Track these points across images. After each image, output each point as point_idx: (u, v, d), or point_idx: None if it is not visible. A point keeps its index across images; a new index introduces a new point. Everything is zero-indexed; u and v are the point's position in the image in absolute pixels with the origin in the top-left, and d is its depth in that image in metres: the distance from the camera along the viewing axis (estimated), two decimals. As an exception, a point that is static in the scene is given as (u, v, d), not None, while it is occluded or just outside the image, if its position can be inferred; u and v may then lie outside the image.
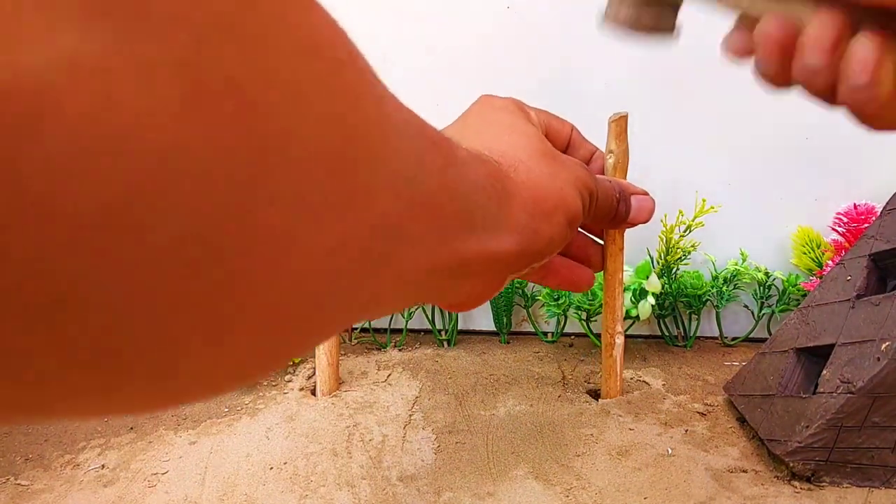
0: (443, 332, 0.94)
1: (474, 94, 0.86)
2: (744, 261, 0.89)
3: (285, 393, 0.77)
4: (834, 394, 0.59)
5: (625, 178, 0.72)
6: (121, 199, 0.10)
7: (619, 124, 0.70)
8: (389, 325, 0.93)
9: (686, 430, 0.70)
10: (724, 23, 0.79)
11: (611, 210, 0.41)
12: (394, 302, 0.26)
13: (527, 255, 0.30)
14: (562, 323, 0.93)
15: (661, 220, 0.86)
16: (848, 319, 0.64)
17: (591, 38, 0.83)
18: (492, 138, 0.34)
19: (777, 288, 0.90)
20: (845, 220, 0.84)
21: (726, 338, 0.93)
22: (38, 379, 0.11)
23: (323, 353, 0.75)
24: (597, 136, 0.73)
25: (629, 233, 0.77)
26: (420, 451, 0.66)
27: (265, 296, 0.14)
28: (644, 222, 0.46)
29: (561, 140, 0.46)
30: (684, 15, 0.45)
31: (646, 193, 0.46)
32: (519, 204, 0.29)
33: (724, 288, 0.88)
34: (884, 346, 0.57)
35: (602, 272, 0.74)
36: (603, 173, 0.52)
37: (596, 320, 0.86)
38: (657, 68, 0.84)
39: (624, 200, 0.42)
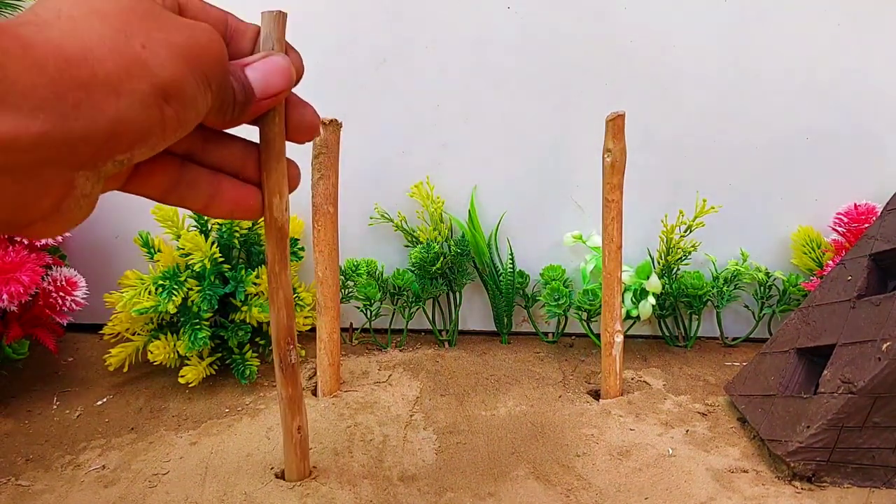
0: (443, 333, 0.94)
1: (473, 93, 0.86)
2: (744, 261, 0.89)
3: (286, 393, 0.77)
4: (835, 394, 0.59)
5: (622, 176, 0.72)
6: None
7: (617, 123, 0.70)
8: (390, 325, 0.93)
9: (687, 431, 0.70)
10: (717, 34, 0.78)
11: (230, 95, 0.31)
12: None
13: (73, 140, 0.23)
14: (562, 323, 0.93)
15: (662, 221, 0.86)
16: (849, 319, 0.64)
17: (590, 37, 0.84)
18: None
19: (777, 288, 0.90)
20: (846, 219, 0.84)
21: (727, 338, 0.93)
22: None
23: (324, 353, 0.75)
24: (595, 134, 0.73)
25: (629, 233, 0.77)
26: (421, 452, 0.66)
27: None
28: (282, 90, 0.34)
29: (210, 22, 0.34)
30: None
31: (265, 57, 0.34)
32: (31, 67, 0.22)
33: (725, 288, 0.88)
34: (885, 346, 0.57)
35: (602, 272, 0.74)
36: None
37: (596, 320, 0.86)
38: (656, 68, 0.84)
39: (236, 77, 0.32)
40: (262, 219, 0.44)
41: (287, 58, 0.35)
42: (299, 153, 0.54)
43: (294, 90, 0.37)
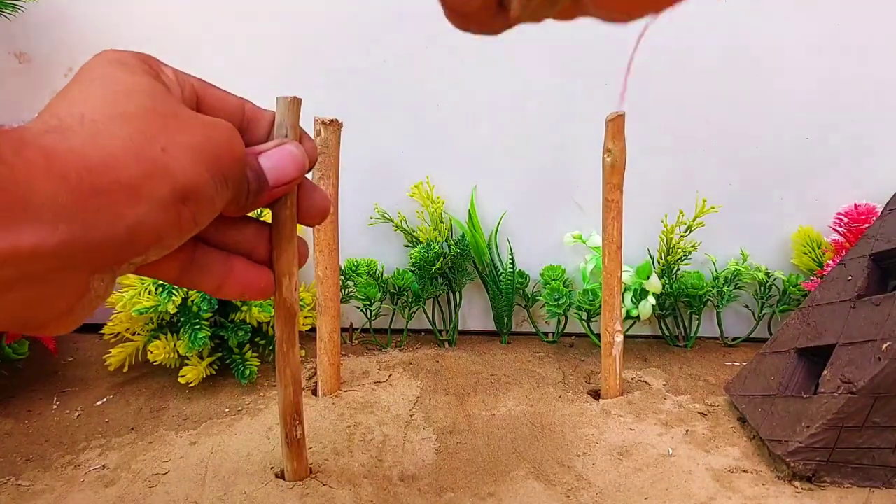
0: (443, 333, 0.94)
1: (473, 93, 0.86)
2: (744, 261, 0.89)
3: (286, 393, 0.77)
4: (835, 394, 0.59)
5: (622, 176, 0.72)
6: None
7: (616, 123, 0.70)
8: (390, 325, 0.93)
9: (687, 431, 0.70)
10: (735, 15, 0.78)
11: (244, 186, 0.31)
12: None
13: (91, 247, 0.23)
14: (562, 323, 0.93)
15: (662, 221, 0.86)
16: (849, 319, 0.64)
17: (590, 37, 0.84)
18: (72, 98, 0.26)
19: (778, 288, 0.90)
20: (846, 219, 0.84)
21: (727, 338, 0.93)
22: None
23: (324, 353, 0.75)
24: (595, 134, 0.73)
25: (629, 233, 0.77)
26: (421, 451, 0.66)
27: None
28: (295, 178, 0.34)
29: (227, 112, 0.34)
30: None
31: (279, 145, 0.34)
32: (53, 178, 0.22)
33: (725, 288, 0.88)
34: (885, 346, 0.57)
35: (602, 272, 0.73)
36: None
37: (596, 320, 0.86)
38: (657, 68, 0.84)
39: (250, 165, 0.32)
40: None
41: (300, 146, 0.35)
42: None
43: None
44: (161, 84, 0.29)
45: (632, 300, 0.85)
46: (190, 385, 0.77)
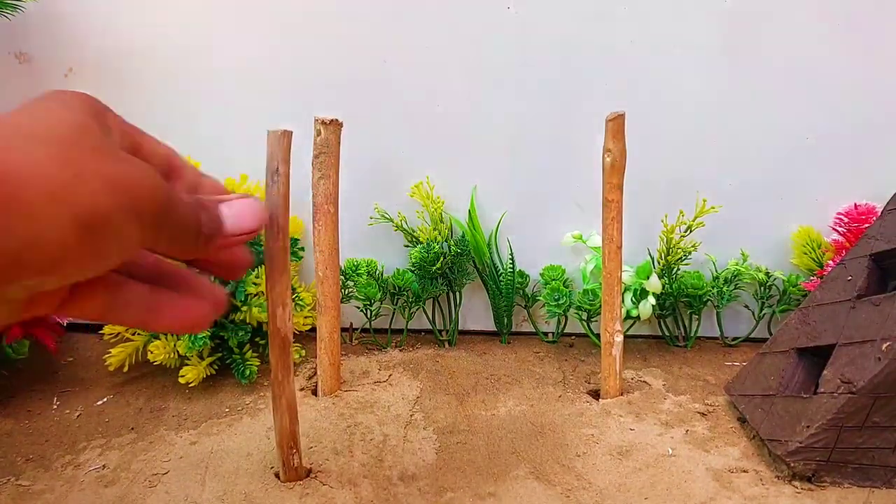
0: (443, 333, 0.94)
1: (473, 93, 0.86)
2: (744, 261, 0.89)
3: (286, 393, 0.77)
4: (835, 394, 0.59)
5: (622, 176, 0.72)
6: None
7: (617, 123, 0.70)
8: (390, 325, 0.93)
9: (687, 431, 0.70)
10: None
11: (191, 229, 0.32)
12: None
13: None
14: (562, 323, 0.93)
15: (662, 221, 0.86)
16: (848, 319, 0.64)
17: (590, 37, 0.84)
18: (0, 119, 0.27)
19: (778, 288, 0.90)
20: (846, 219, 0.84)
21: (727, 338, 0.93)
22: None
23: (324, 353, 0.75)
24: (595, 134, 0.73)
25: (629, 233, 0.77)
26: (421, 451, 0.66)
27: None
28: (252, 230, 0.36)
29: (156, 160, 0.35)
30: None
31: (242, 197, 0.36)
32: None
33: (725, 288, 0.88)
34: (885, 346, 0.57)
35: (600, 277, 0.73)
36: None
37: (596, 320, 0.86)
38: (657, 68, 0.84)
39: (207, 212, 0.33)
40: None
41: (261, 202, 0.37)
42: (301, 152, 0.54)
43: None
44: (96, 123, 0.29)
45: (632, 300, 0.85)
46: (190, 385, 0.77)
